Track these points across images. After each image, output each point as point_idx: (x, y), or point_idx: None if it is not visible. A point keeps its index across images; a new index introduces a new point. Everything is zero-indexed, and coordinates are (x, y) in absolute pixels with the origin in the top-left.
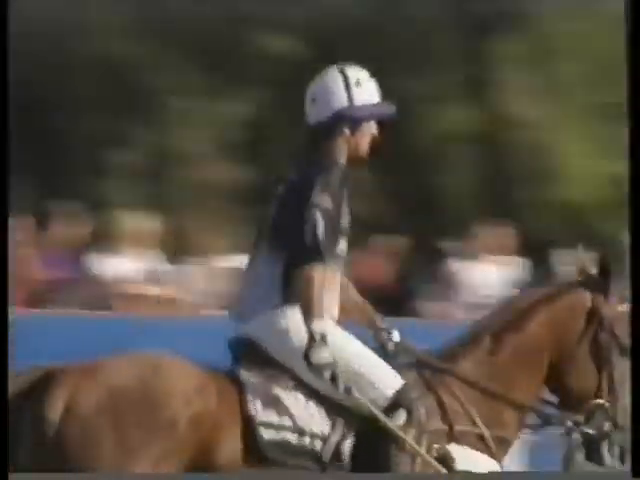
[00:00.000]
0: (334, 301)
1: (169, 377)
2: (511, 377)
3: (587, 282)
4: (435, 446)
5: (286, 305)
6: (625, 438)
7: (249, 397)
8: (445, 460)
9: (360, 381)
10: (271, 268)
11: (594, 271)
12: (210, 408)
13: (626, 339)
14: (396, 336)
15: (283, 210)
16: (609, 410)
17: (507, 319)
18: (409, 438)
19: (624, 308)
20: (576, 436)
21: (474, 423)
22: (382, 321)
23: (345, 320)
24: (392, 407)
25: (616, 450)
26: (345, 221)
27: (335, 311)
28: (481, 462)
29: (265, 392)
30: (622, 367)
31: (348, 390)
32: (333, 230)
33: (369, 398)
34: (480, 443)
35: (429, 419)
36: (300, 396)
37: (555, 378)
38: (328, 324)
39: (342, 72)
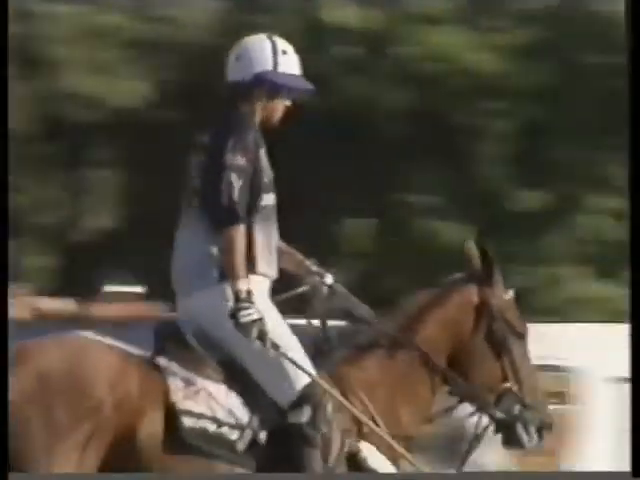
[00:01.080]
0: (272, 256)
1: (94, 361)
2: (409, 380)
3: (472, 276)
4: (347, 441)
5: (224, 281)
6: (537, 415)
7: (170, 384)
8: (355, 458)
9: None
10: (202, 237)
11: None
12: (133, 393)
13: (517, 323)
14: (329, 279)
15: (200, 173)
16: (517, 393)
17: (401, 323)
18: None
19: (509, 296)
20: (484, 422)
21: (375, 422)
22: (314, 265)
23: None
24: (298, 402)
25: (532, 428)
26: (267, 177)
27: (274, 267)
28: (383, 465)
29: (186, 381)
30: (520, 350)
31: (276, 347)
32: (253, 188)
33: (277, 389)
34: (381, 443)
35: (337, 418)
36: (221, 386)
37: (458, 373)
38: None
39: (270, 39)
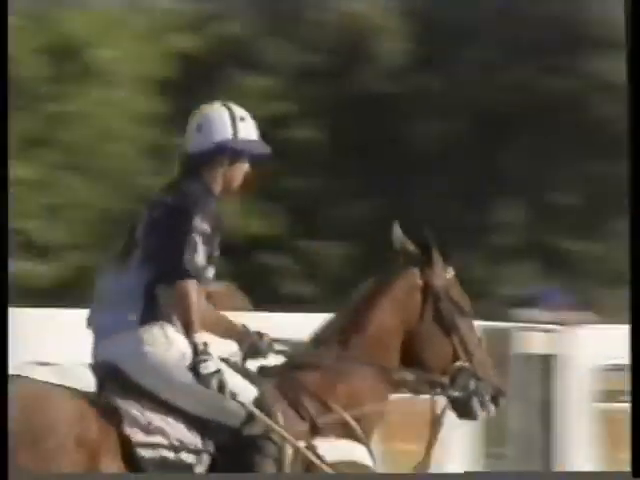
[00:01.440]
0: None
1: (51, 408)
2: (364, 375)
3: (412, 260)
4: (302, 443)
5: (149, 324)
6: (489, 385)
7: (124, 420)
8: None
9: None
10: (135, 285)
11: (414, 247)
12: (91, 432)
13: (462, 300)
14: (268, 335)
15: (156, 229)
16: (470, 369)
17: (350, 314)
18: (281, 436)
19: (450, 274)
20: (442, 403)
21: (332, 411)
22: (245, 327)
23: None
24: (250, 417)
25: (486, 400)
26: (217, 251)
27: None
28: (348, 449)
29: (137, 415)
30: (467, 326)
31: (234, 395)
32: (208, 256)
33: (229, 410)
34: (343, 429)
35: (289, 423)
36: (168, 418)
37: (412, 356)
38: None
39: (227, 107)
